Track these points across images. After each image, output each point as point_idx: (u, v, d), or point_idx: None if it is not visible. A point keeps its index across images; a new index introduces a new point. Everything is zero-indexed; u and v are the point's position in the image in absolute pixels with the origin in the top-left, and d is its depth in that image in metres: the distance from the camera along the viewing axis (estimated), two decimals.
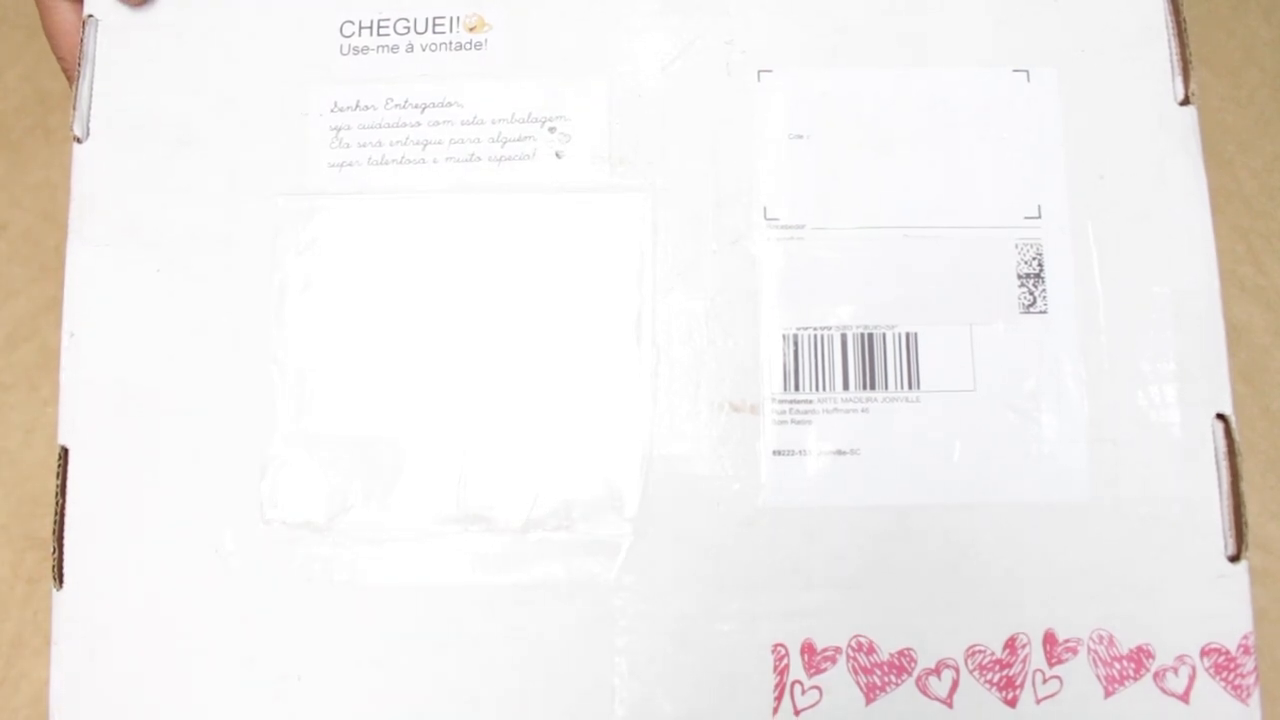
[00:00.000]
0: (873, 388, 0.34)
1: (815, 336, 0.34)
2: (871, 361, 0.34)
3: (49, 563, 0.40)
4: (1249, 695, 0.32)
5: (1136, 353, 0.34)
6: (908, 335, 0.34)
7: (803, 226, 0.35)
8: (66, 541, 0.34)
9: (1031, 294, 0.35)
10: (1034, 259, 0.35)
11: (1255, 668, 0.33)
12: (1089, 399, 0.34)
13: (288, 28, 0.37)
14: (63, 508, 0.34)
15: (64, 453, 0.34)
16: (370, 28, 0.37)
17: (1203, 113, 0.45)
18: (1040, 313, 0.34)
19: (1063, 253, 0.35)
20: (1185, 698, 0.33)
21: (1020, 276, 0.35)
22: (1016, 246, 0.35)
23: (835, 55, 0.36)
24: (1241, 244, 0.45)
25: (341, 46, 0.37)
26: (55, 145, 0.51)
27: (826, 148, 0.36)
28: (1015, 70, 0.36)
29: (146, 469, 0.34)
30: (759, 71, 0.36)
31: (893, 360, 0.34)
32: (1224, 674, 0.33)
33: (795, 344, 0.34)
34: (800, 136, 0.36)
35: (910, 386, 0.34)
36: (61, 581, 0.34)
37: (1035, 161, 0.35)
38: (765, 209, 0.35)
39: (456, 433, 0.34)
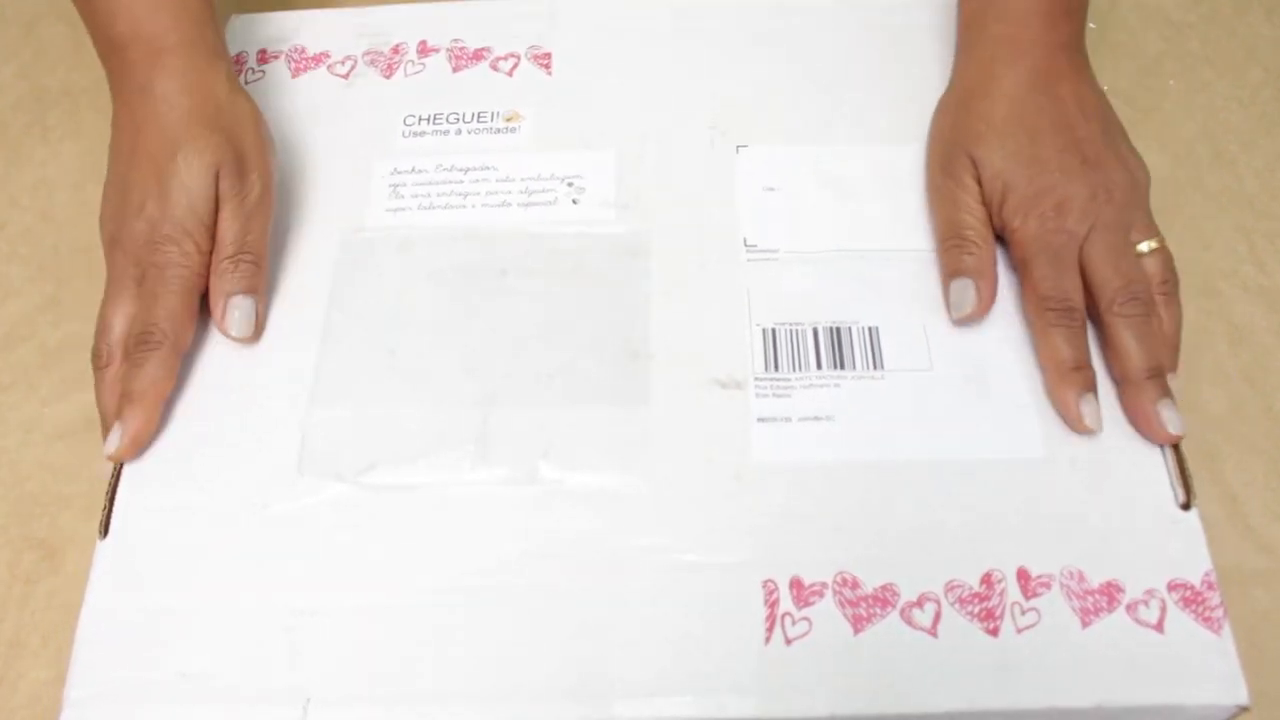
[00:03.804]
0: (842, 368, 0.39)
1: (791, 330, 0.40)
2: (840, 348, 0.39)
3: (47, 563, 0.41)
4: (1220, 627, 0.34)
5: None
6: (870, 329, 0.40)
7: (776, 251, 0.42)
8: (118, 498, 0.37)
9: None
10: None
11: (1222, 602, 0.34)
12: (1034, 374, 0.39)
13: (361, 122, 0.46)
14: (119, 471, 0.38)
15: None
16: (428, 119, 0.46)
17: (1205, 112, 0.48)
18: None
19: (997, 268, 0.41)
20: (1159, 628, 0.34)
21: None
22: None
23: (798, 136, 0.45)
24: (1244, 244, 0.45)
25: (403, 131, 0.46)
26: (53, 144, 0.51)
27: (795, 196, 0.43)
28: None
29: (201, 438, 0.38)
30: (737, 146, 0.45)
31: (859, 347, 0.39)
32: (1193, 607, 0.34)
33: (774, 335, 0.40)
34: (772, 189, 0.44)
35: (875, 367, 0.39)
36: (107, 532, 0.37)
37: None
38: (745, 239, 0.42)
39: (479, 404, 0.38)
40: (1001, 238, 0.40)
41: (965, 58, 0.43)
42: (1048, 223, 0.38)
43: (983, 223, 0.40)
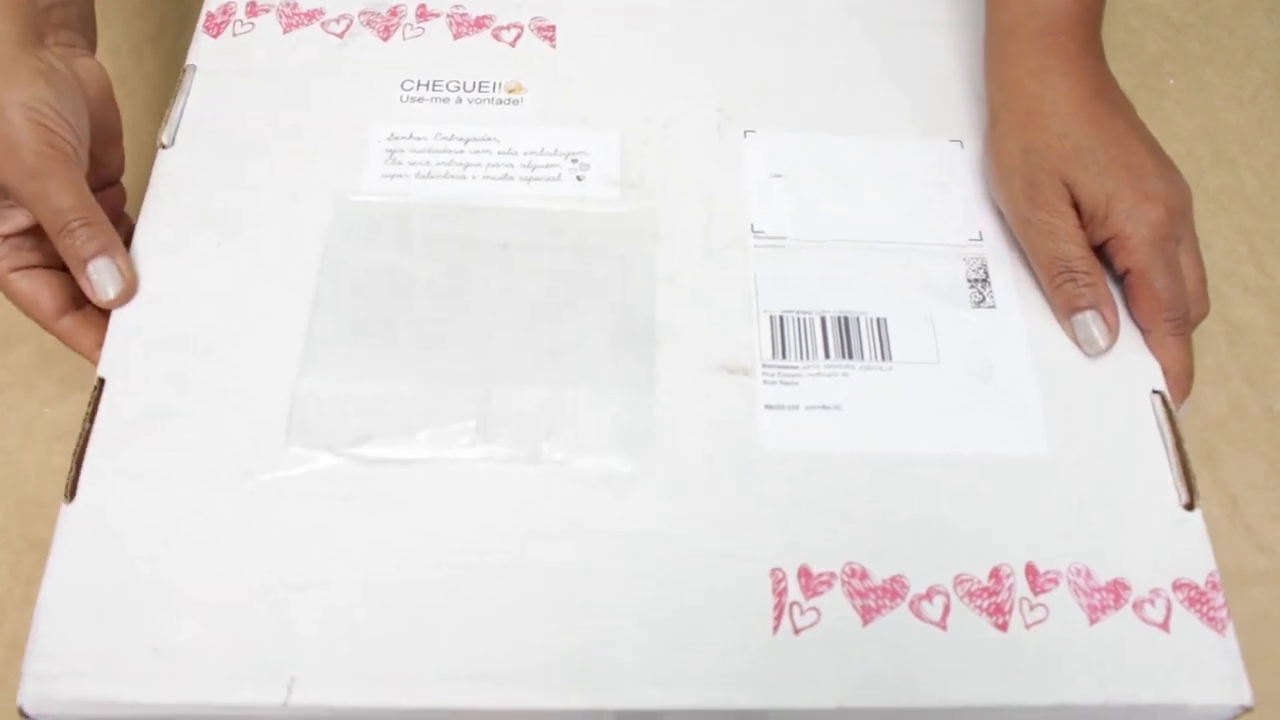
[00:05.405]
0: (850, 357, 0.38)
1: (799, 319, 0.39)
2: (848, 338, 0.39)
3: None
4: (1224, 627, 0.34)
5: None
6: (878, 320, 0.39)
7: (784, 238, 0.41)
8: (86, 460, 0.35)
9: (980, 293, 0.40)
10: (980, 268, 0.41)
11: (1225, 602, 0.34)
12: (1040, 372, 0.38)
13: (355, 83, 0.44)
14: (88, 431, 0.36)
15: (100, 383, 0.36)
16: (426, 85, 0.45)
17: (1205, 112, 0.48)
18: (990, 308, 0.40)
19: (1003, 265, 0.41)
20: (1165, 627, 0.34)
21: (970, 281, 0.41)
22: (965, 260, 0.41)
23: (806, 123, 0.44)
24: (1244, 244, 0.45)
25: (401, 97, 0.44)
26: None
27: (802, 184, 0.43)
28: (951, 140, 0.44)
29: (179, 400, 0.36)
30: (745, 131, 0.44)
31: (867, 337, 0.39)
32: (1198, 607, 0.34)
33: (781, 323, 0.39)
34: (779, 175, 0.43)
35: (883, 358, 0.38)
36: (74, 496, 0.34)
37: (974, 201, 0.43)
38: (752, 225, 0.42)
39: (480, 379, 0.37)
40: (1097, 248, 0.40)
41: (1007, 72, 0.41)
42: (1160, 229, 0.38)
43: (1086, 248, 0.39)
